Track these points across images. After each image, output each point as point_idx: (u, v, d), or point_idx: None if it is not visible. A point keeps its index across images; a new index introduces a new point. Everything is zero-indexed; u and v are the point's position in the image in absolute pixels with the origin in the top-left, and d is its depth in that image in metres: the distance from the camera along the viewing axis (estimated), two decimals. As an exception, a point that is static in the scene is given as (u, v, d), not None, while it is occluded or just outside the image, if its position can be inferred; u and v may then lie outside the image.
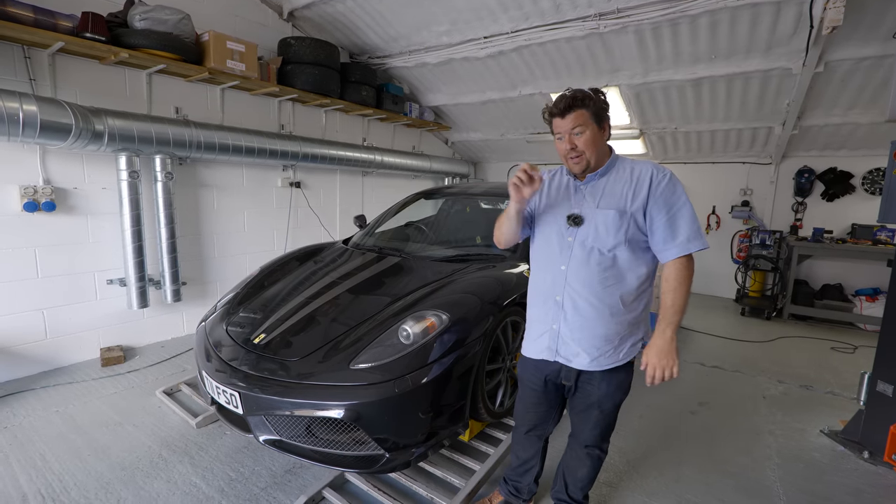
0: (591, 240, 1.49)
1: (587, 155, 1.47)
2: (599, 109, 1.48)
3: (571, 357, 1.56)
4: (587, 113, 1.45)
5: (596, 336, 1.51)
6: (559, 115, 1.47)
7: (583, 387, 1.60)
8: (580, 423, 1.68)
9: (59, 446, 2.35)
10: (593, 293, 1.49)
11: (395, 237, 3.51)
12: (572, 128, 1.45)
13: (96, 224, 3.37)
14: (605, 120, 1.51)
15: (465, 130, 6.74)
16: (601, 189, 1.52)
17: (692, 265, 1.46)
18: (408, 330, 1.96)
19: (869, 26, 3.36)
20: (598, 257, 1.48)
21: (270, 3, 4.48)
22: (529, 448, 1.84)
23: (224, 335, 2.28)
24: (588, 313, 1.50)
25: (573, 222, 1.52)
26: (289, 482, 2.12)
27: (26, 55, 2.95)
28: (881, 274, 4.92)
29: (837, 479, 2.26)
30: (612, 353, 1.52)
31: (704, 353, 3.96)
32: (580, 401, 1.63)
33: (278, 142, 4.25)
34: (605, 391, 1.57)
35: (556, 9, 3.90)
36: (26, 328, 3.12)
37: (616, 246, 1.47)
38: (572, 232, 1.52)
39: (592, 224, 1.49)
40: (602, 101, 1.49)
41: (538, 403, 1.74)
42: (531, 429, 1.80)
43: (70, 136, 2.86)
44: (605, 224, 1.47)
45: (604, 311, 1.49)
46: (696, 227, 1.45)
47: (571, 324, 1.53)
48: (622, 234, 1.46)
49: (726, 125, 4.95)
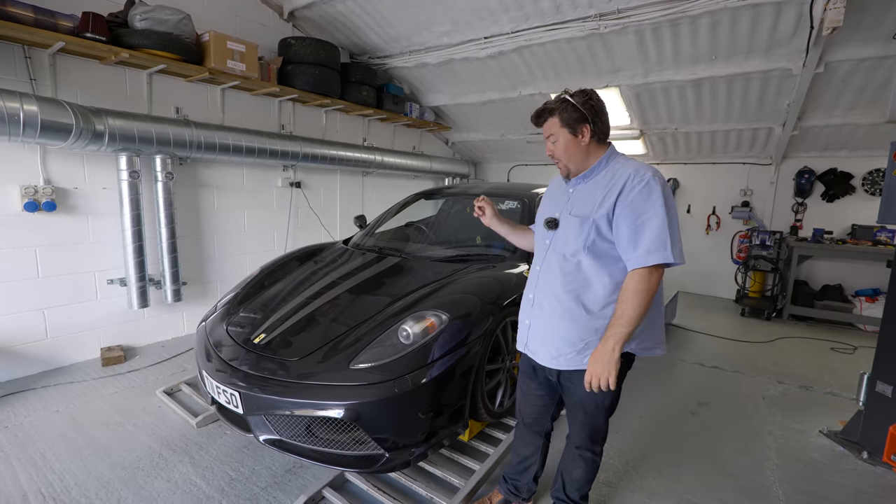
0: (560, 244, 1.54)
1: (563, 161, 1.52)
2: (572, 117, 1.45)
3: (536, 351, 1.63)
4: (557, 121, 1.48)
5: (557, 337, 1.54)
6: (537, 125, 1.56)
7: (566, 385, 1.62)
8: (571, 423, 1.71)
9: (59, 446, 2.35)
10: (555, 296, 1.54)
11: (396, 237, 3.51)
12: (547, 136, 1.53)
13: (97, 224, 3.38)
14: (579, 124, 1.46)
15: (466, 131, 6.74)
16: (581, 194, 1.54)
17: (653, 278, 1.36)
18: (408, 330, 1.97)
19: (869, 27, 3.36)
20: (562, 262, 1.52)
21: (271, 3, 4.48)
22: (530, 444, 1.86)
23: (224, 335, 2.29)
24: (551, 314, 1.55)
25: (549, 226, 1.58)
26: (289, 482, 2.12)
27: (27, 55, 2.95)
28: (881, 275, 4.92)
29: (836, 480, 2.27)
30: (573, 356, 1.52)
31: (704, 353, 3.96)
32: (568, 399, 1.66)
33: (279, 142, 4.25)
34: (586, 391, 1.56)
35: (556, 9, 3.90)
36: (27, 328, 3.12)
37: (576, 252, 1.48)
38: (549, 235, 1.59)
39: (563, 229, 1.54)
40: (574, 108, 1.44)
41: (534, 395, 1.77)
42: (531, 422, 1.83)
43: (70, 136, 2.86)
44: (570, 230, 1.51)
45: (564, 315, 1.52)
46: (662, 238, 1.34)
47: (538, 321, 1.61)
48: (581, 240, 1.47)
49: (726, 126, 4.96)
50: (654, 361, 3.72)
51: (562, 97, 1.49)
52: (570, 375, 1.58)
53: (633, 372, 3.50)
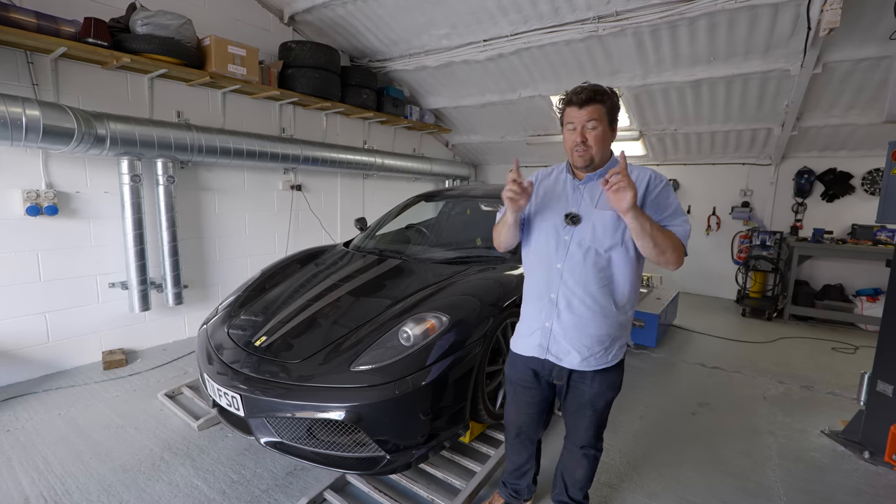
0: (588, 240, 1.49)
1: (594, 151, 1.47)
2: (614, 109, 1.48)
3: (562, 356, 1.55)
4: (603, 109, 1.45)
5: (588, 336, 1.51)
6: (578, 104, 1.44)
7: (575, 386, 1.60)
8: (574, 425, 1.68)
9: (61, 449, 2.36)
10: (588, 293, 1.49)
11: (396, 239, 3.52)
12: (587, 120, 1.44)
13: (98, 228, 3.39)
14: (616, 121, 1.51)
15: (466, 133, 6.76)
16: (600, 190, 1.51)
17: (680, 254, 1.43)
18: (408, 332, 1.97)
19: (866, 27, 3.38)
20: (595, 257, 1.48)
21: (271, 7, 4.51)
22: (523, 452, 1.84)
23: (225, 338, 2.29)
24: (582, 313, 1.50)
25: (571, 221, 1.52)
26: (290, 484, 2.13)
27: (29, 60, 2.97)
28: (882, 274, 4.91)
29: (838, 480, 2.26)
30: (602, 355, 1.53)
31: (705, 353, 3.96)
32: (573, 401, 1.63)
33: (279, 145, 4.27)
34: (598, 390, 1.57)
35: (554, 12, 3.92)
36: (29, 332, 3.13)
37: (613, 247, 1.47)
38: (569, 231, 1.52)
39: (590, 224, 1.50)
40: (617, 102, 1.50)
41: (530, 403, 1.71)
42: (519, 432, 1.79)
43: (72, 141, 2.88)
44: (602, 224, 1.48)
45: (597, 312, 1.50)
46: (687, 228, 1.47)
47: (564, 322, 1.53)
48: (619, 235, 1.47)
49: (726, 126, 4.97)
50: (655, 362, 3.72)
51: (610, 88, 1.49)
52: (582, 376, 1.56)
53: (633, 372, 3.52)
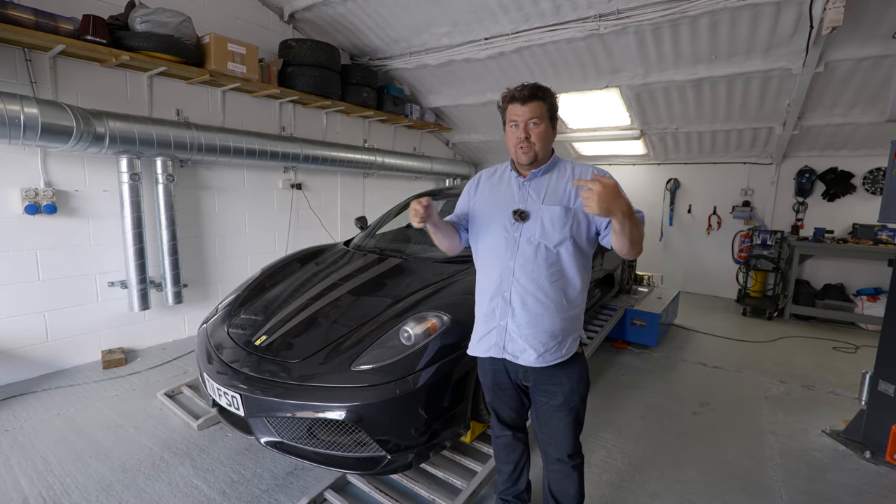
0: (537, 235, 1.51)
1: (537, 147, 1.50)
2: (553, 107, 1.53)
3: (518, 353, 1.55)
4: (545, 106, 1.49)
5: (543, 332, 1.51)
6: (521, 101, 1.47)
7: (546, 389, 1.57)
8: (553, 435, 1.62)
9: (60, 449, 2.35)
10: (541, 289, 1.51)
11: (397, 238, 3.51)
12: (530, 117, 1.48)
13: (97, 226, 3.38)
14: (556, 119, 1.56)
15: (466, 131, 6.75)
16: (545, 186, 1.55)
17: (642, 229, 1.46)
18: (409, 331, 1.97)
19: (869, 26, 3.36)
20: (546, 253, 1.50)
21: (271, 5, 4.49)
22: (513, 452, 1.80)
23: (225, 337, 2.28)
24: (536, 309, 1.51)
25: (519, 217, 1.53)
26: (290, 484, 2.12)
27: (27, 58, 2.95)
28: (882, 273, 4.91)
29: (839, 479, 2.26)
30: (556, 349, 1.52)
31: (706, 353, 3.96)
32: (547, 407, 1.59)
33: (279, 144, 4.25)
34: (571, 387, 1.55)
35: (556, 10, 3.90)
36: (27, 331, 3.12)
37: (561, 242, 1.49)
38: (517, 227, 1.54)
39: (538, 220, 1.51)
40: (556, 102, 1.54)
41: (510, 398, 1.70)
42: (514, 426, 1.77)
43: (71, 139, 2.87)
44: (550, 220, 1.50)
45: (550, 307, 1.51)
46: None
47: (519, 320, 1.53)
48: (567, 229, 1.49)
49: (727, 125, 4.96)
50: (656, 361, 3.71)
51: (549, 88, 1.53)
52: (552, 375, 1.55)
53: (634, 372, 3.51)
